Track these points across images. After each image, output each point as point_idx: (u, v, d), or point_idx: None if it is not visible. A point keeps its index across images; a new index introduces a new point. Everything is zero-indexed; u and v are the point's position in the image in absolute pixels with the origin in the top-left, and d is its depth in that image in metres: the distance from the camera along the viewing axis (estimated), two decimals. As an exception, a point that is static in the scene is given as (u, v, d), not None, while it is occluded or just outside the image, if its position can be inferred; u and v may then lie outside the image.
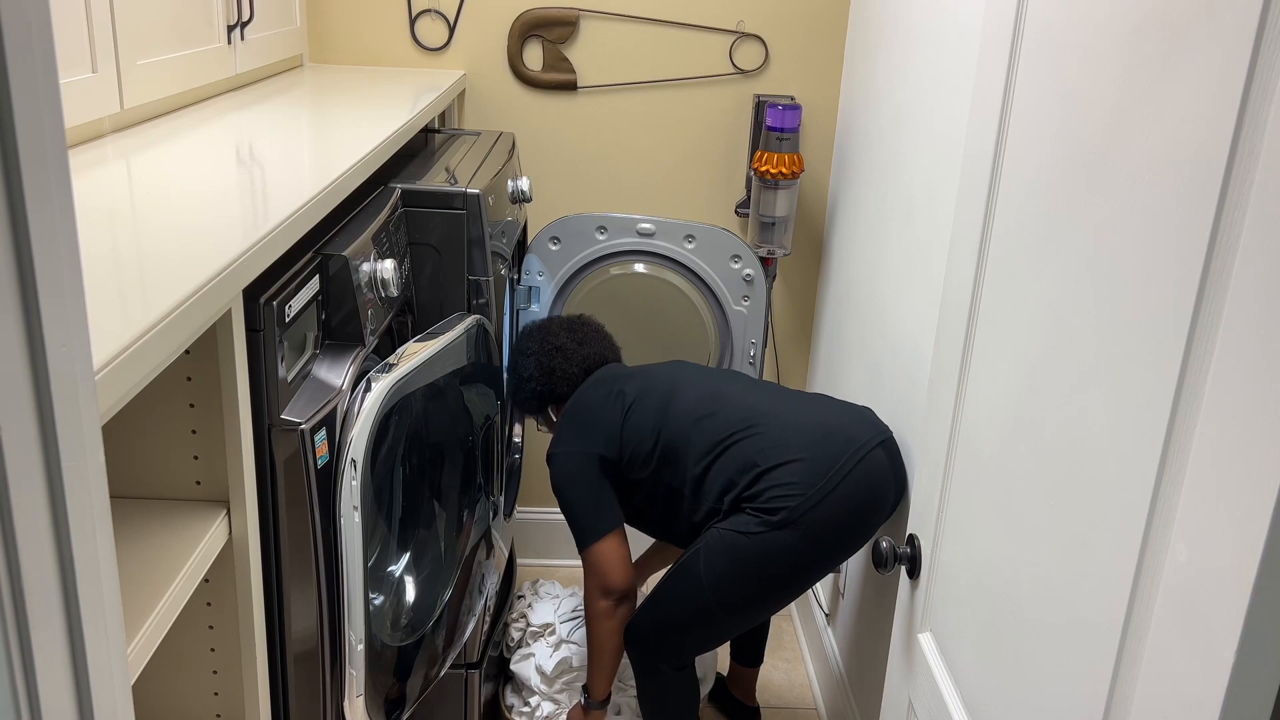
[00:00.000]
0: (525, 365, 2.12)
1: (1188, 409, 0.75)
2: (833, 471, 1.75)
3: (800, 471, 1.75)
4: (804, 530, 1.73)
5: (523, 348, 2.14)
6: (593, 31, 2.53)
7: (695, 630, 1.87)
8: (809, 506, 1.73)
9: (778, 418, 1.83)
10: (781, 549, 1.74)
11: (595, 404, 1.98)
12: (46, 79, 0.50)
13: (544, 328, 2.15)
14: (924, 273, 1.89)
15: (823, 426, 1.81)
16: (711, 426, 1.85)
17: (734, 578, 1.78)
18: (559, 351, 2.11)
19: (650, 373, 2.01)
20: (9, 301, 0.48)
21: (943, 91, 1.84)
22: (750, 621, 1.87)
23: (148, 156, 1.41)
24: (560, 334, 2.13)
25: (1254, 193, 0.68)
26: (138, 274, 0.94)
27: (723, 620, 1.85)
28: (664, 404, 1.92)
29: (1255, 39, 0.68)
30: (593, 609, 1.94)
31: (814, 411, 1.86)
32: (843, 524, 1.76)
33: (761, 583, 1.78)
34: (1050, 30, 1.01)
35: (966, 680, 1.16)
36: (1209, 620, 0.71)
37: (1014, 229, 1.08)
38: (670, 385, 1.95)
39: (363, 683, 1.32)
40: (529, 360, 2.11)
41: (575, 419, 1.98)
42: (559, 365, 2.09)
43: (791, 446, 1.78)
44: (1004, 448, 1.08)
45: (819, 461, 1.76)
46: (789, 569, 1.77)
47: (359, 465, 1.27)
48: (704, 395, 1.91)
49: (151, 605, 0.94)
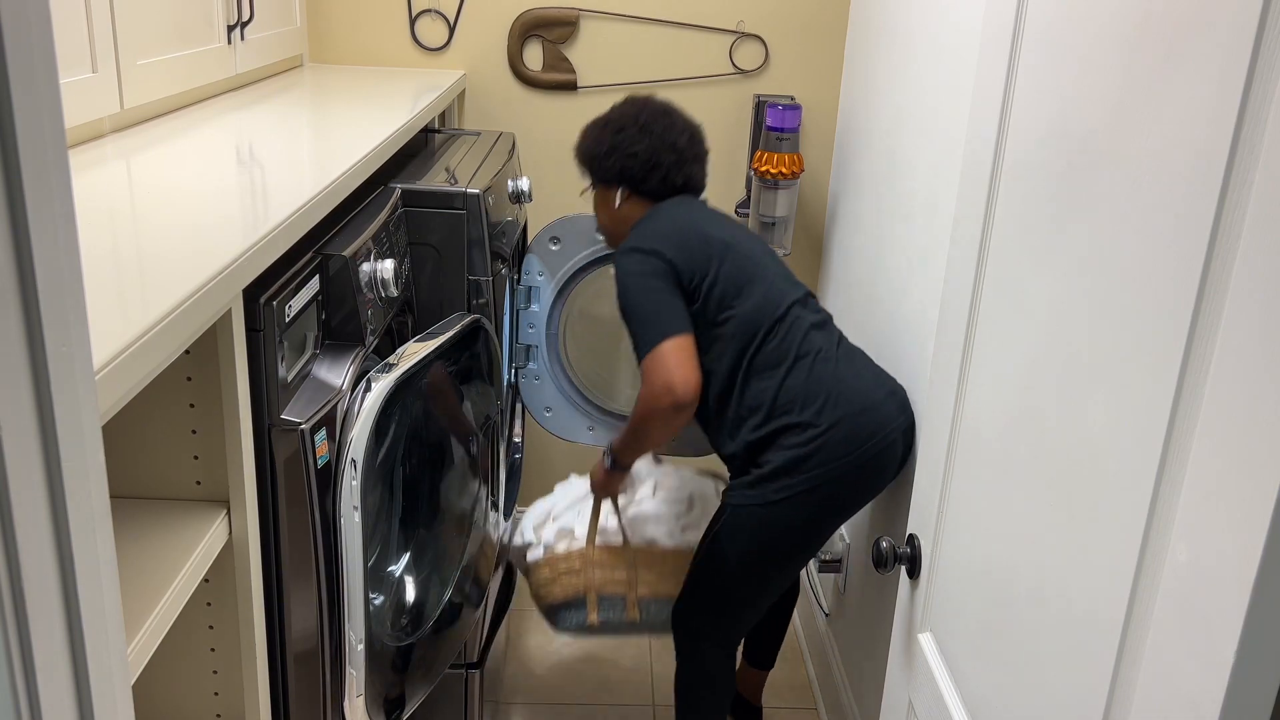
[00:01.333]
0: (637, 140, 1.98)
1: (1188, 409, 0.75)
2: (856, 452, 1.81)
3: (827, 439, 1.80)
4: (816, 500, 1.82)
5: (642, 120, 2.00)
6: (593, 31, 2.53)
7: (734, 606, 1.96)
8: (824, 479, 1.80)
9: (828, 366, 1.84)
10: (796, 518, 1.83)
11: (694, 225, 1.90)
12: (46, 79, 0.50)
13: (669, 115, 2.02)
14: (924, 272, 1.89)
15: (864, 398, 1.83)
16: (781, 337, 1.84)
17: (757, 551, 1.87)
18: (675, 151, 1.99)
19: (736, 236, 1.92)
20: (9, 301, 0.48)
21: (943, 91, 1.84)
22: (778, 587, 1.95)
23: (148, 156, 1.41)
24: (684, 135, 2.01)
25: (1254, 193, 0.68)
26: (138, 274, 0.94)
27: (756, 590, 1.93)
28: (755, 272, 1.87)
29: (1255, 39, 0.68)
30: (646, 407, 1.83)
31: (860, 374, 1.87)
32: (848, 496, 1.85)
33: (782, 550, 1.87)
34: (1050, 30, 1.01)
35: (966, 680, 1.16)
36: (1209, 620, 0.71)
37: (1014, 229, 1.08)
38: (757, 260, 1.90)
39: (363, 683, 1.32)
40: (644, 138, 1.98)
41: (669, 226, 1.90)
42: (668, 164, 1.99)
43: (829, 407, 1.81)
44: (1004, 447, 1.08)
45: (848, 439, 1.80)
46: (804, 535, 1.87)
47: (359, 465, 1.27)
48: (783, 291, 1.88)
49: (151, 605, 0.94)
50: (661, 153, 1.98)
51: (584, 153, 2.06)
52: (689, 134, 2.03)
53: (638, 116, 2.01)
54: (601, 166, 2.02)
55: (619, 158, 1.99)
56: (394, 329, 1.64)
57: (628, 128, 2.00)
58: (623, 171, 2.00)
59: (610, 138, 2.01)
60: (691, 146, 2.02)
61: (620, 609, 2.11)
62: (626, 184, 2.01)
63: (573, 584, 2.09)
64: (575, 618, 2.11)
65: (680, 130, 2.01)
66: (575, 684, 2.57)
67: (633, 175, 1.99)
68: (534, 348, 2.32)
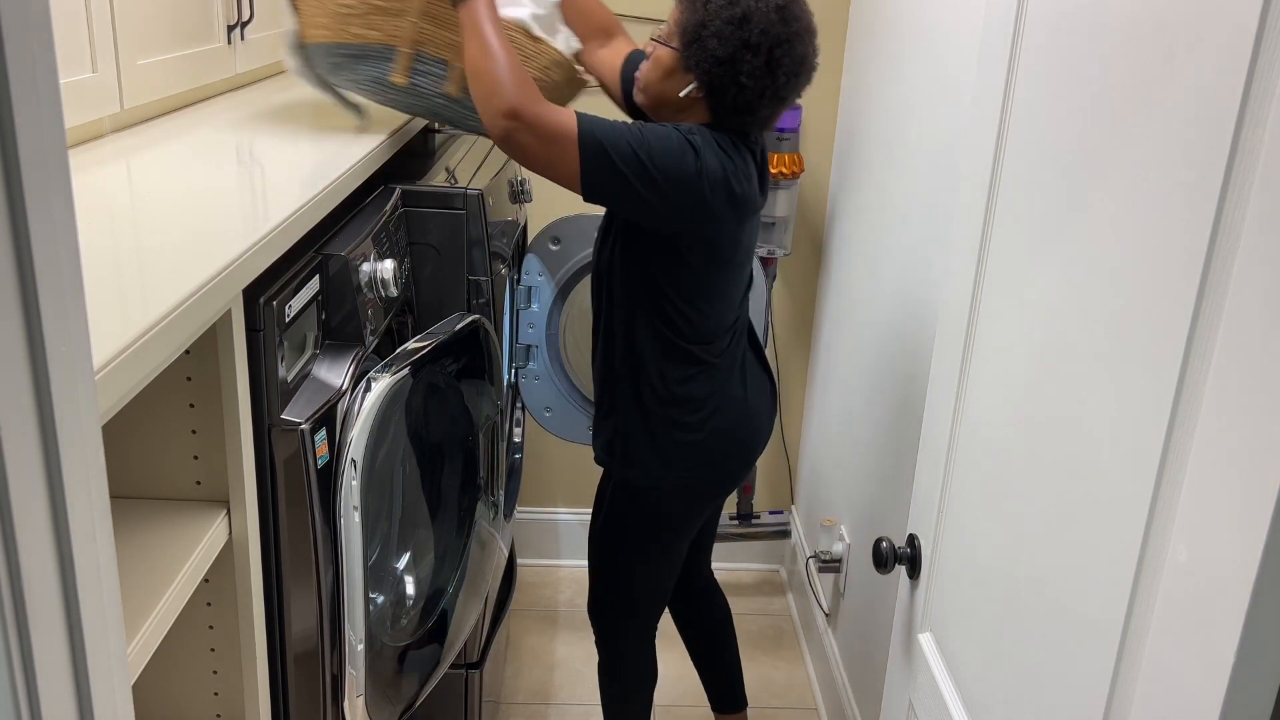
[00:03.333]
0: (755, 73, 1.56)
1: (1188, 409, 0.75)
2: (733, 456, 1.86)
3: (706, 443, 1.81)
4: (685, 496, 1.87)
5: (787, 34, 1.58)
6: (593, 31, 2.53)
7: (633, 591, 1.98)
8: (695, 480, 1.86)
9: (732, 374, 1.84)
10: (673, 505, 1.88)
11: (749, 193, 1.63)
12: (46, 79, 0.50)
13: (809, 37, 1.63)
14: (924, 272, 1.89)
15: (752, 409, 1.87)
16: (711, 344, 1.77)
17: (638, 531, 1.90)
18: (777, 101, 1.62)
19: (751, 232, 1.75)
20: (9, 301, 0.48)
21: (942, 91, 1.84)
22: (671, 564, 1.95)
23: (148, 156, 1.41)
24: (810, 71, 1.65)
25: (1254, 193, 0.68)
26: (138, 274, 0.94)
27: (650, 568, 1.95)
28: (725, 282, 1.74)
29: (1255, 39, 0.68)
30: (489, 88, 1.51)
31: (752, 378, 1.89)
32: (718, 493, 1.94)
33: (657, 532, 1.91)
34: (1050, 30, 1.01)
35: (966, 680, 1.16)
36: (1209, 620, 0.71)
37: (1014, 228, 1.08)
38: (741, 265, 1.75)
39: (363, 683, 1.32)
40: (763, 77, 1.57)
41: (732, 167, 1.58)
42: (760, 109, 1.61)
43: (717, 415, 1.81)
44: (1004, 447, 1.08)
45: (726, 446, 1.84)
46: (680, 519, 1.91)
47: (359, 465, 1.27)
48: (735, 304, 1.80)
49: (151, 605, 0.94)
50: (783, 87, 1.61)
51: (692, 24, 1.59)
52: (800, 80, 1.65)
53: (781, 28, 1.58)
54: (698, 55, 1.59)
55: (727, 70, 1.57)
56: (394, 329, 1.64)
57: (772, 32, 1.57)
58: (725, 80, 1.58)
59: (734, 35, 1.56)
60: (791, 95, 1.65)
61: (440, 78, 1.58)
62: (715, 97, 1.61)
63: (380, 25, 1.54)
64: (368, 69, 1.58)
65: (811, 65, 1.65)
66: (575, 684, 2.57)
67: (719, 92, 1.60)
68: (534, 348, 2.32)
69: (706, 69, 1.59)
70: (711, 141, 1.57)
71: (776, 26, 1.58)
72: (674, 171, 1.54)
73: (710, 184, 1.56)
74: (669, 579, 1.99)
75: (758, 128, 1.67)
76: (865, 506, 2.22)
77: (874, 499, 2.15)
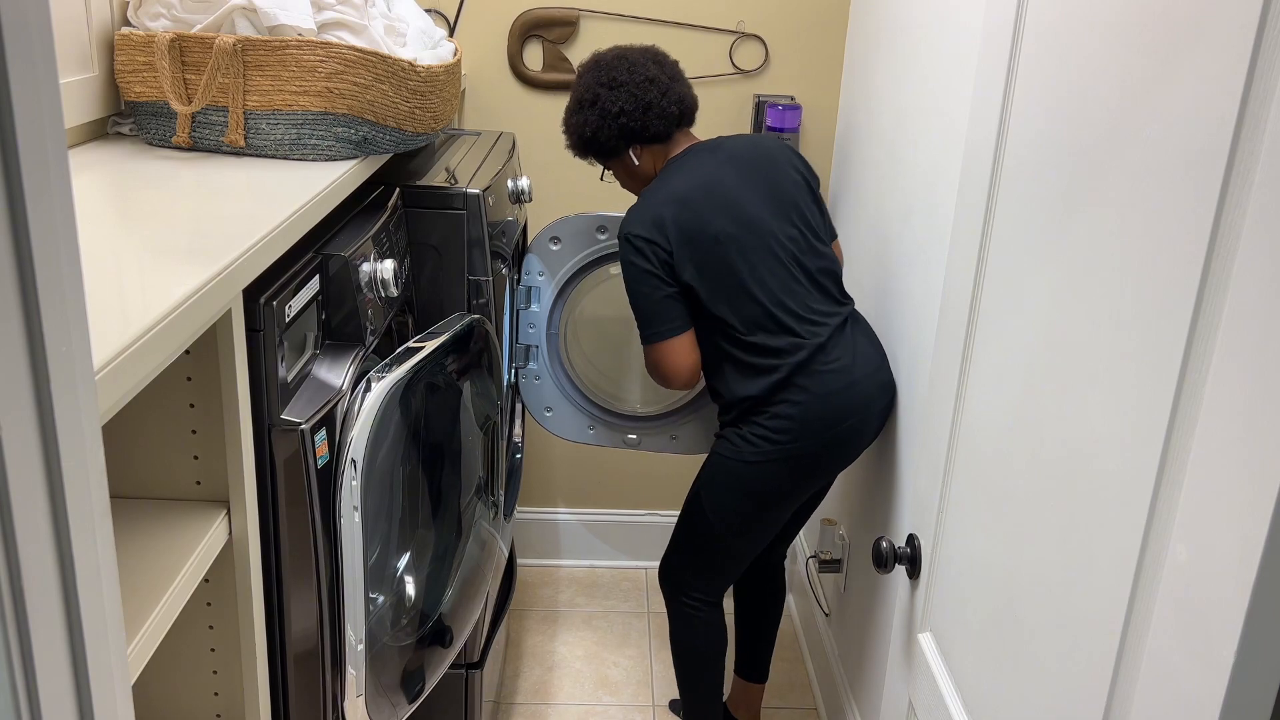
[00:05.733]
0: (614, 99, 1.94)
1: (1188, 409, 0.75)
2: (834, 429, 1.90)
3: (809, 410, 1.88)
4: (791, 465, 1.92)
5: (605, 79, 1.95)
6: (593, 31, 2.53)
7: (713, 557, 2.05)
8: (800, 449, 1.90)
9: (816, 357, 1.89)
10: (770, 478, 1.93)
11: (691, 216, 1.87)
12: (46, 79, 0.50)
13: (624, 57, 1.97)
14: (924, 272, 1.89)
15: (844, 378, 1.90)
16: (762, 335, 1.90)
17: (733, 502, 1.96)
18: (653, 84, 1.95)
19: (743, 216, 1.90)
20: (9, 301, 0.48)
21: (943, 91, 1.84)
22: (756, 541, 2.03)
23: (147, 156, 1.41)
24: (649, 65, 1.96)
25: (1254, 192, 0.68)
26: (138, 274, 0.94)
27: (732, 542, 2.02)
28: (743, 276, 1.88)
29: (1255, 39, 0.68)
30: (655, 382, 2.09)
31: (845, 354, 1.92)
32: (823, 465, 1.94)
33: (757, 504, 1.96)
34: (1050, 30, 1.01)
35: (966, 680, 1.16)
36: (1209, 620, 0.71)
37: (1014, 229, 1.08)
38: (753, 253, 1.89)
39: (363, 683, 1.32)
40: (619, 93, 1.94)
41: (664, 210, 1.88)
42: (654, 99, 1.94)
43: (814, 387, 1.88)
44: (1004, 447, 1.08)
45: (827, 413, 1.89)
46: (777, 494, 1.96)
47: (359, 465, 1.27)
48: (773, 292, 1.90)
49: (151, 605, 0.94)
50: (642, 94, 1.94)
51: (578, 142, 2.02)
52: (653, 60, 1.98)
53: (599, 77, 1.96)
54: (601, 143, 1.99)
55: (611, 123, 1.95)
56: (394, 329, 1.64)
57: (600, 94, 1.95)
58: (622, 132, 1.96)
59: (592, 114, 1.96)
60: (664, 70, 1.98)
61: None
62: (633, 141, 1.98)
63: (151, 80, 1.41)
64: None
65: (643, 63, 1.96)
66: (575, 684, 2.57)
67: (633, 131, 1.95)
68: (534, 348, 2.32)
69: (613, 138, 1.97)
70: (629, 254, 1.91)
71: (588, 76, 1.99)
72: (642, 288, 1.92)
73: (641, 266, 1.89)
74: (756, 549, 2.06)
75: (674, 104, 1.96)
76: (865, 506, 2.22)
77: (874, 499, 2.15)
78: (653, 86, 1.94)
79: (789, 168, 1.99)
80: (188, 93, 1.41)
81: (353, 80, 1.42)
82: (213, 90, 1.40)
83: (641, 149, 2.00)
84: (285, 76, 1.41)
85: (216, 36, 1.39)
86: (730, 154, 1.96)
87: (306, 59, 1.40)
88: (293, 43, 1.40)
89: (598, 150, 2.02)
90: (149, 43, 1.40)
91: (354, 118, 1.44)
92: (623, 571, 3.04)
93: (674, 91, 1.97)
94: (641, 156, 2.00)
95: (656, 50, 2.02)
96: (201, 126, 1.43)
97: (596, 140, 1.99)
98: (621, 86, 1.94)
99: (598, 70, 1.97)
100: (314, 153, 1.44)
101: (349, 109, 1.43)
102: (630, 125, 1.95)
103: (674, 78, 1.99)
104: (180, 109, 1.40)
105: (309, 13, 1.44)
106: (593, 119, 1.96)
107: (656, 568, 3.04)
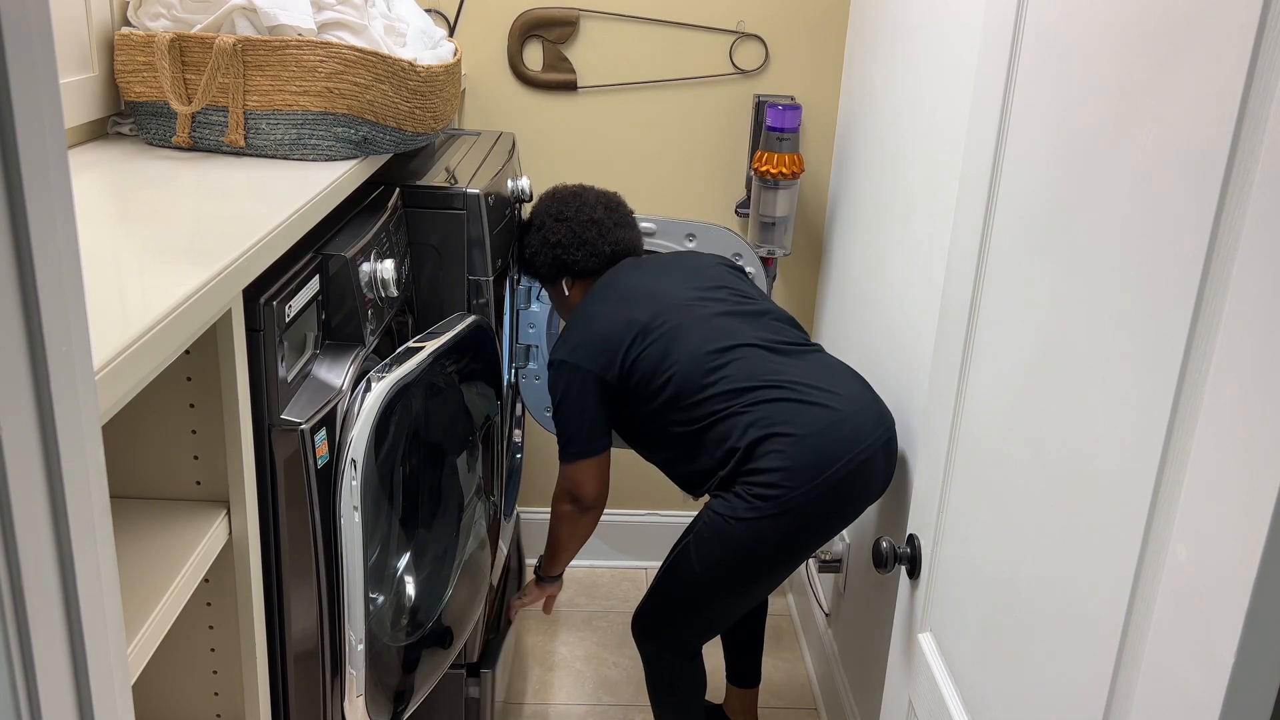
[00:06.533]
0: (556, 230, 2.07)
1: (1188, 409, 0.75)
2: (831, 470, 1.75)
3: (799, 454, 1.75)
4: (792, 519, 1.77)
5: (555, 211, 2.09)
6: (593, 31, 2.53)
7: (699, 616, 1.93)
8: (800, 499, 1.75)
9: (789, 387, 1.81)
10: (770, 535, 1.78)
11: (608, 323, 1.93)
12: (46, 79, 0.50)
13: (579, 195, 2.11)
14: (924, 272, 1.89)
15: (833, 413, 1.79)
16: (722, 381, 1.83)
17: (727, 563, 1.82)
18: (595, 225, 2.07)
19: (664, 298, 1.94)
20: (9, 301, 0.48)
21: (943, 91, 1.84)
22: (748, 602, 1.93)
23: (147, 156, 1.41)
24: (598, 208, 2.09)
25: (1254, 192, 0.68)
26: (138, 274, 0.94)
27: (722, 604, 1.91)
28: (674, 341, 1.87)
29: (1255, 39, 0.68)
30: (558, 508, 2.04)
31: (827, 387, 1.83)
32: (828, 515, 1.81)
33: (754, 566, 1.83)
34: (1050, 30, 1.01)
35: (966, 680, 1.16)
36: (1209, 620, 0.71)
37: (1014, 228, 1.08)
38: (682, 320, 1.90)
39: (363, 683, 1.32)
40: (561, 226, 2.07)
41: (586, 333, 1.94)
42: (592, 239, 2.06)
43: (799, 423, 1.77)
44: (1004, 447, 1.08)
45: (820, 452, 1.75)
46: (778, 552, 1.83)
47: (359, 465, 1.27)
48: (717, 339, 1.87)
49: (151, 605, 0.94)
50: (582, 231, 2.06)
51: (521, 261, 2.15)
52: (603, 204, 2.10)
53: (550, 208, 2.10)
54: (539, 267, 2.11)
55: (548, 252, 2.08)
56: (394, 329, 1.64)
57: (546, 222, 2.09)
58: (555, 262, 2.08)
59: (535, 238, 2.10)
60: (610, 215, 2.10)
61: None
62: (565, 272, 2.10)
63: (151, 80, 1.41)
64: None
65: (593, 205, 2.09)
66: (575, 684, 2.57)
67: (565, 263, 2.07)
68: (534, 348, 2.32)
69: (548, 265, 2.09)
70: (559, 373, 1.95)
71: (542, 203, 2.13)
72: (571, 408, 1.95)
73: (575, 388, 1.92)
74: (748, 608, 1.98)
75: (610, 245, 2.08)
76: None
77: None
78: (594, 227, 2.07)
79: (708, 260, 2.10)
80: (188, 93, 1.41)
81: (353, 80, 1.42)
82: (213, 90, 1.40)
83: (573, 281, 2.11)
84: (285, 76, 1.41)
85: (216, 36, 1.39)
86: (646, 263, 2.07)
87: (306, 59, 1.40)
88: (293, 43, 1.40)
89: (534, 271, 2.14)
90: (149, 43, 1.40)
91: (354, 118, 1.44)
92: (623, 571, 3.04)
93: (613, 235, 2.08)
94: (572, 288, 2.11)
95: (614, 197, 2.15)
96: (201, 126, 1.43)
97: (533, 263, 2.12)
98: (565, 221, 2.08)
99: (552, 201, 2.12)
100: (314, 153, 1.44)
101: (349, 109, 1.43)
102: (563, 258, 2.07)
103: (619, 224, 2.10)
104: (180, 109, 1.41)
105: (309, 13, 1.44)
106: (534, 243, 2.10)
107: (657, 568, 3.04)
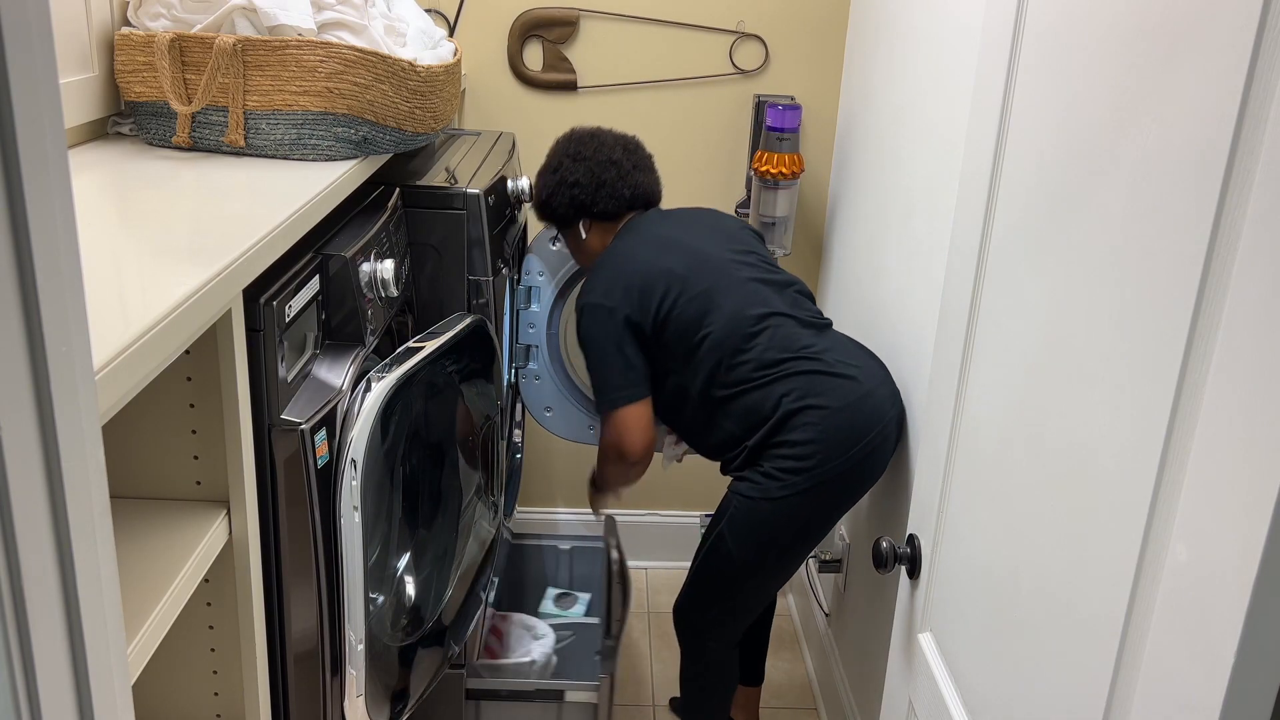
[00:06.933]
0: (574, 170, 2.04)
1: (1188, 409, 0.75)
2: (858, 445, 1.82)
3: (831, 428, 1.80)
4: (821, 493, 1.83)
5: (573, 151, 2.06)
6: (593, 31, 2.53)
7: (741, 601, 1.98)
8: (830, 472, 1.81)
9: (820, 359, 1.85)
10: (801, 511, 1.84)
11: (643, 265, 1.91)
12: (46, 79, 0.50)
13: (597, 136, 2.08)
14: (924, 272, 1.89)
15: (859, 386, 1.85)
16: (757, 349, 1.85)
17: (763, 544, 1.88)
18: (614, 165, 2.04)
19: (700, 254, 1.93)
20: (9, 301, 0.48)
21: (943, 91, 1.84)
22: (782, 581, 2.00)
23: (147, 156, 1.41)
24: (616, 148, 2.06)
25: (1254, 193, 0.68)
26: (138, 274, 0.94)
27: (759, 585, 1.96)
28: (711, 301, 1.87)
29: (1255, 39, 0.68)
30: (605, 462, 2.02)
31: (852, 361, 1.88)
32: (853, 488, 1.87)
33: (790, 542, 1.89)
34: (1050, 30, 1.01)
35: (966, 680, 1.16)
36: (1209, 620, 0.71)
37: (1014, 229, 1.08)
38: (719, 281, 1.89)
39: (363, 683, 1.32)
40: (579, 166, 2.03)
41: (618, 275, 1.92)
42: (610, 180, 2.03)
43: (831, 395, 1.82)
44: (1004, 447, 1.08)
45: (851, 425, 1.81)
46: (809, 526, 1.88)
47: (359, 465, 1.27)
48: (754, 304, 1.88)
49: (151, 605, 0.94)
50: (600, 171, 2.03)
51: (536, 202, 2.12)
52: (622, 146, 2.07)
53: (568, 149, 2.07)
54: (555, 209, 2.08)
55: (565, 192, 2.05)
56: (394, 329, 1.64)
57: (563, 163, 2.06)
58: (573, 204, 2.05)
59: (551, 179, 2.07)
60: (629, 157, 2.07)
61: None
62: (582, 214, 2.06)
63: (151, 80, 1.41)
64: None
65: (612, 145, 2.06)
66: (575, 684, 2.57)
67: (583, 204, 2.04)
68: (534, 348, 2.32)
69: (565, 207, 2.05)
70: (589, 316, 1.93)
71: (559, 144, 2.10)
72: (603, 352, 1.92)
73: (604, 330, 1.90)
74: (783, 584, 2.02)
75: (629, 188, 2.05)
76: (865, 506, 2.22)
77: (874, 499, 2.15)
78: (612, 168, 2.04)
79: (734, 223, 2.10)
80: (188, 93, 1.41)
81: (353, 80, 1.42)
82: (213, 90, 1.40)
83: (590, 224, 2.08)
84: (285, 76, 1.41)
85: (216, 36, 1.39)
86: (673, 214, 2.07)
87: (306, 59, 1.40)
88: (293, 43, 1.40)
89: (550, 214, 2.11)
90: (149, 43, 1.40)
91: (354, 118, 1.44)
92: (623, 571, 3.03)
93: (632, 178, 2.05)
94: (590, 231, 2.08)
95: (632, 139, 2.11)
96: (201, 126, 1.43)
97: (549, 205, 2.09)
98: (583, 161, 2.04)
99: (569, 142, 2.09)
100: (314, 153, 1.44)
101: (349, 109, 1.43)
102: (580, 198, 2.04)
103: (638, 166, 2.07)
104: (180, 109, 1.41)
105: (309, 13, 1.44)
106: (550, 183, 2.07)
107: (656, 568, 3.04)
